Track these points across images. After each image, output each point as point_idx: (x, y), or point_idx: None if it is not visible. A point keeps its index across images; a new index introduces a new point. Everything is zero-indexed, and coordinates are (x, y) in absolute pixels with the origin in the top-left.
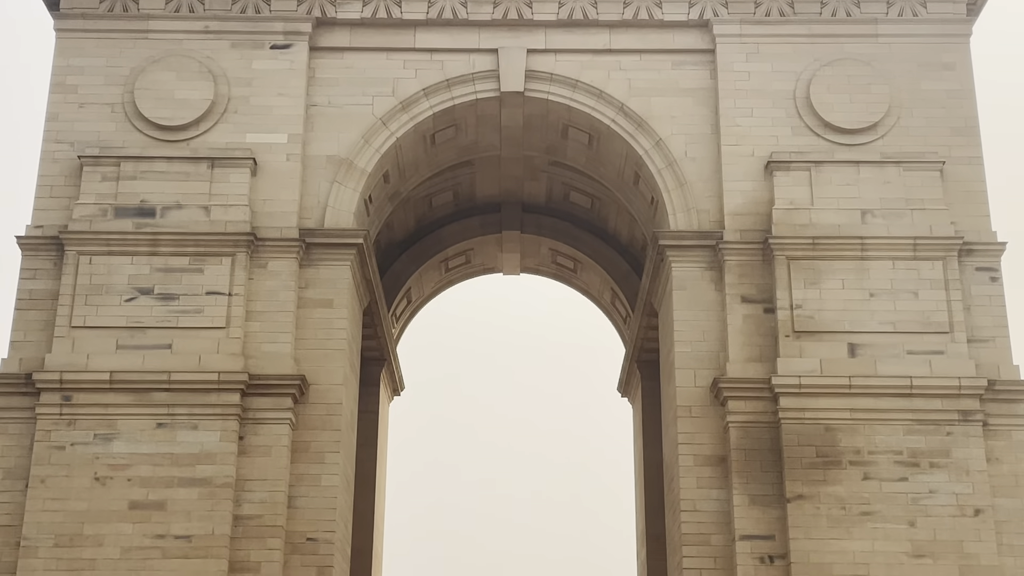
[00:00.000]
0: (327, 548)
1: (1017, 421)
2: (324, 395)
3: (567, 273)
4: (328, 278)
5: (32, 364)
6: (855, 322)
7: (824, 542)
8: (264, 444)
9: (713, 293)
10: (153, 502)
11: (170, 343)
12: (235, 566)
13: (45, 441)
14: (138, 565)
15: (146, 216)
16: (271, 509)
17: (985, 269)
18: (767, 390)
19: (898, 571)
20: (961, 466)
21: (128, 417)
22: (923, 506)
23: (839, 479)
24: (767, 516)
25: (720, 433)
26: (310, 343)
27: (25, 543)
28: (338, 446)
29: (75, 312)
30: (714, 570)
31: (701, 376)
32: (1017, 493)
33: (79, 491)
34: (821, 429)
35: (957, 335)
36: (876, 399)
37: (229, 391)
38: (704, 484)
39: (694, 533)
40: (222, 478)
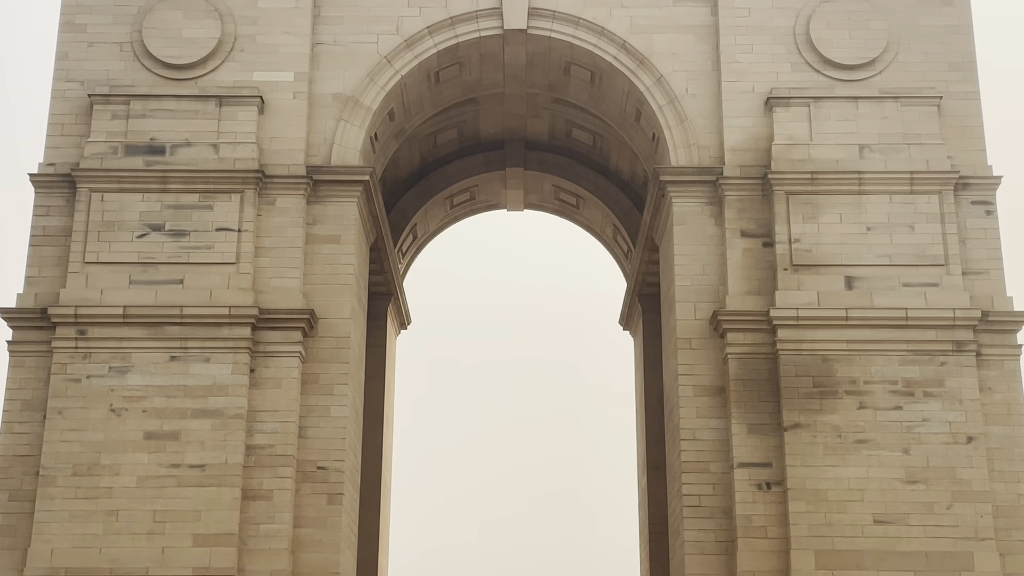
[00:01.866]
0: (337, 476)
1: (1010, 351)
2: (333, 329)
3: (569, 209)
4: (335, 214)
5: (47, 299)
6: (852, 255)
7: (820, 469)
8: (274, 376)
9: (713, 228)
10: (167, 432)
11: (181, 278)
12: (248, 494)
13: (61, 374)
14: (154, 493)
15: (156, 154)
16: (282, 439)
17: (980, 203)
18: (765, 322)
19: (891, 496)
20: (954, 395)
21: (142, 350)
22: (917, 434)
23: (835, 408)
24: (765, 444)
25: (719, 364)
26: (318, 278)
27: (44, 472)
28: (347, 378)
29: (88, 248)
30: (713, 496)
31: (701, 309)
32: (1009, 421)
33: (95, 422)
34: (818, 360)
35: (952, 267)
36: (872, 330)
37: (240, 325)
38: (703, 414)
39: (693, 461)
40: (234, 409)
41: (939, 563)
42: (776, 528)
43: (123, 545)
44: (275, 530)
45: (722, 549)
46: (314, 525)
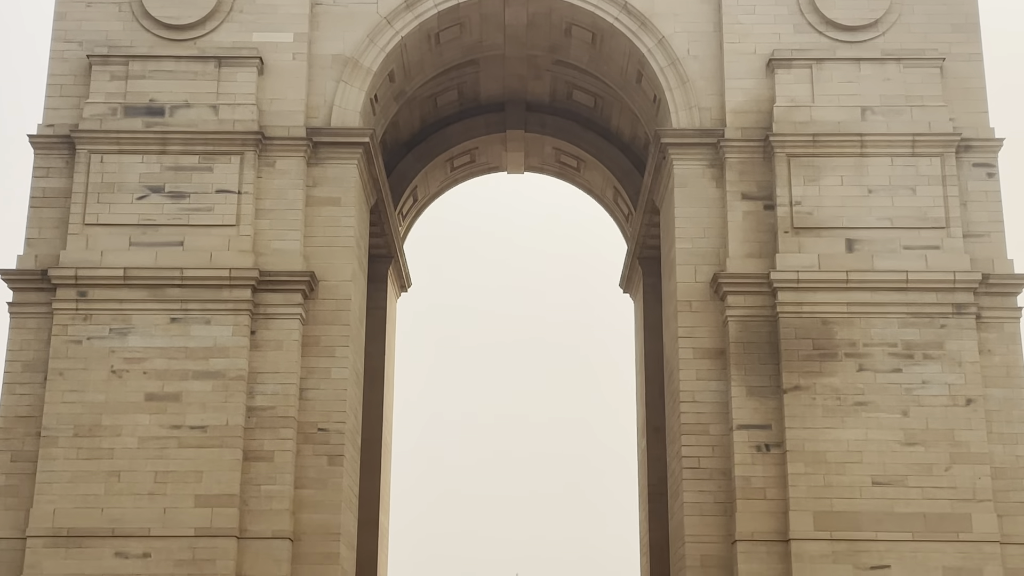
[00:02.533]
0: (338, 438)
1: (1010, 314)
2: (333, 291)
3: (570, 172)
4: (335, 176)
5: (47, 261)
6: (853, 218)
7: (819, 431)
8: (275, 338)
9: (714, 190)
10: (168, 394)
11: (182, 240)
12: (249, 455)
13: (62, 335)
14: (155, 454)
15: (155, 115)
16: (283, 401)
17: (982, 165)
18: (766, 285)
19: (890, 458)
20: (954, 357)
21: (142, 312)
22: (916, 396)
23: (834, 370)
24: (764, 406)
25: (719, 327)
26: (319, 240)
27: (45, 433)
28: (347, 340)
29: (88, 210)
30: (712, 458)
31: (701, 271)
32: (1008, 383)
33: (96, 383)
34: (818, 322)
35: (953, 230)
36: (872, 293)
37: (240, 287)
38: (703, 376)
39: (693, 423)
40: (235, 371)
41: (937, 524)
42: (775, 490)
43: (125, 505)
44: (276, 491)
45: (721, 510)
46: (315, 486)
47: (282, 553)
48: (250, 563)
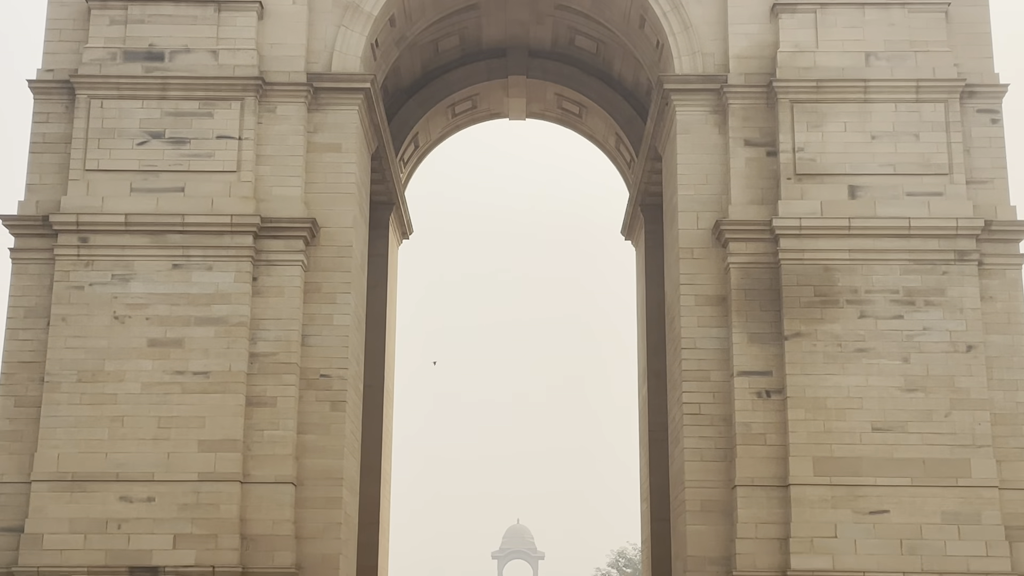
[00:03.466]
0: (340, 384)
1: (1012, 260)
2: (334, 237)
3: (572, 118)
4: (336, 122)
5: (48, 206)
6: (856, 164)
7: (820, 377)
8: (277, 285)
9: (717, 137)
10: (171, 340)
11: (182, 186)
12: (252, 400)
13: (64, 281)
14: (159, 399)
15: (155, 60)
16: (285, 347)
17: (986, 111)
18: (768, 232)
19: (891, 404)
20: (955, 304)
21: (144, 258)
22: (917, 342)
23: (836, 317)
24: (765, 353)
25: (721, 274)
26: (320, 187)
27: (49, 379)
28: (349, 287)
29: (88, 155)
30: (713, 404)
31: (703, 218)
32: (1009, 330)
33: (99, 329)
34: (820, 269)
35: (956, 177)
36: (874, 239)
37: (242, 233)
38: (704, 323)
39: (694, 370)
40: (237, 317)
41: (936, 470)
42: (775, 436)
43: (129, 450)
44: (279, 436)
45: (721, 456)
46: (317, 431)
47: (285, 497)
48: (253, 507)
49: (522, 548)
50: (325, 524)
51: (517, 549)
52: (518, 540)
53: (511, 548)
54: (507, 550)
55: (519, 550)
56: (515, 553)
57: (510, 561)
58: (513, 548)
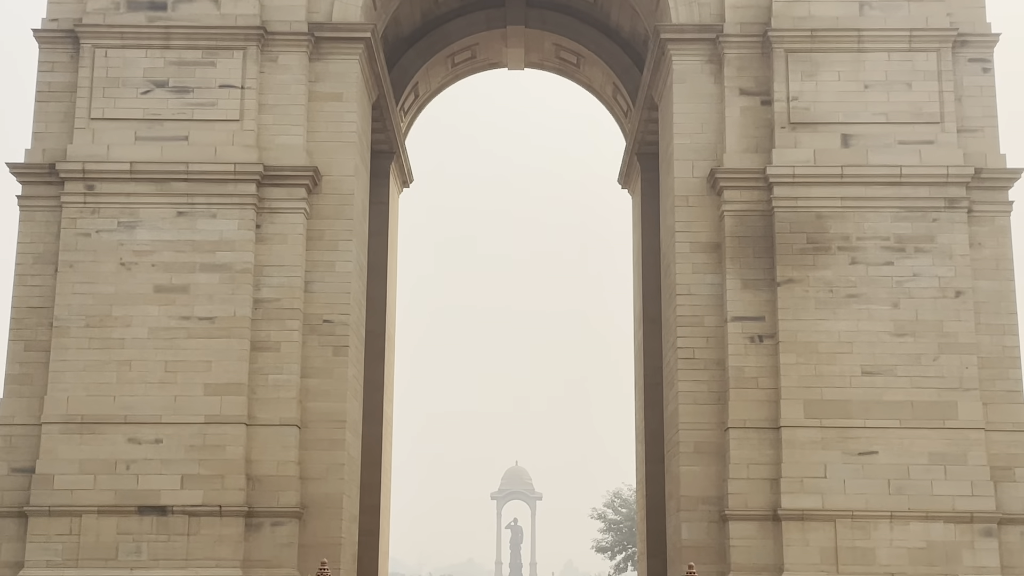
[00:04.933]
0: (343, 329)
1: (1001, 208)
2: (336, 186)
3: (570, 68)
4: (337, 72)
5: (55, 155)
6: (849, 113)
7: (811, 322)
8: (280, 232)
9: (712, 86)
10: (177, 286)
11: (186, 135)
12: (256, 345)
13: (71, 228)
14: (165, 344)
15: (158, 9)
16: (289, 293)
17: (978, 60)
18: (762, 180)
19: (880, 348)
20: (945, 250)
21: (149, 206)
22: (907, 288)
23: (827, 264)
24: (758, 299)
25: (716, 221)
26: (321, 136)
27: (57, 324)
28: (351, 234)
29: (93, 104)
30: (706, 349)
31: (699, 167)
32: (997, 276)
33: (106, 275)
34: (812, 217)
35: (947, 125)
36: (866, 187)
37: (245, 181)
38: (699, 269)
39: (688, 315)
40: (241, 264)
41: (924, 412)
42: (767, 379)
43: (136, 394)
44: (283, 380)
45: (714, 399)
46: (321, 376)
47: (290, 439)
48: (259, 449)
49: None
50: (328, 465)
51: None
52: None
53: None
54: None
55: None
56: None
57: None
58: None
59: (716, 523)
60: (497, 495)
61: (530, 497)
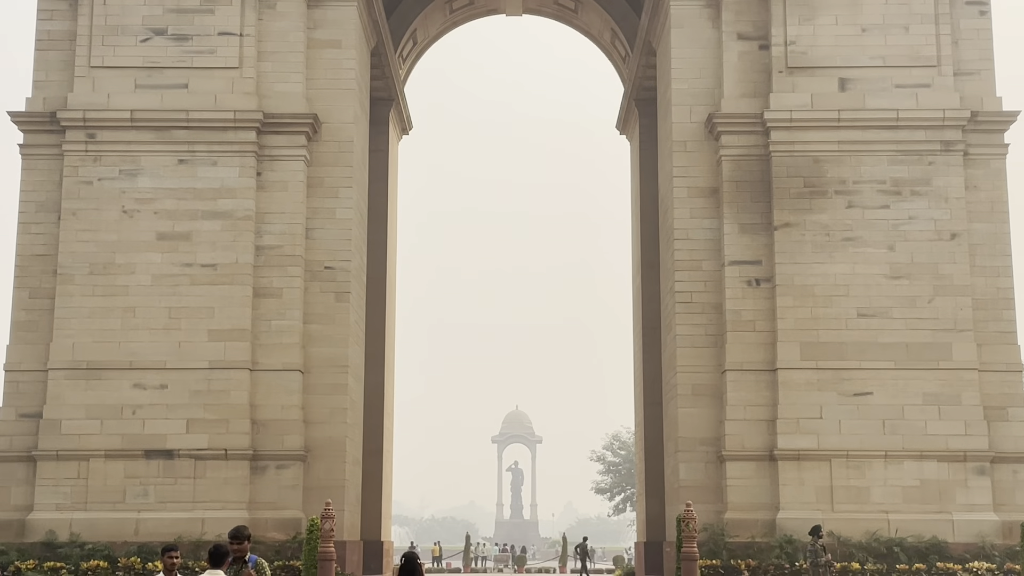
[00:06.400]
0: (344, 275)
1: (996, 150)
2: (336, 133)
3: (568, 13)
4: (336, 19)
5: (55, 103)
6: (846, 57)
7: (808, 266)
8: (281, 179)
9: (710, 31)
10: (179, 233)
11: (186, 83)
12: (259, 291)
13: (73, 176)
14: (168, 291)
15: None
16: (290, 240)
17: (974, 3)
18: (759, 124)
19: (876, 291)
20: (941, 193)
21: (150, 154)
22: (902, 231)
23: (824, 208)
24: (755, 243)
25: (713, 166)
26: (320, 83)
27: (61, 271)
28: (351, 181)
29: (93, 52)
30: (704, 293)
31: (696, 112)
32: (992, 218)
33: (108, 223)
34: (809, 161)
35: (944, 68)
36: (863, 131)
37: (245, 129)
38: (697, 214)
39: (686, 260)
40: (242, 211)
41: (919, 353)
42: (764, 322)
43: (141, 340)
44: (286, 326)
45: (712, 342)
46: (323, 321)
47: (293, 384)
48: (263, 394)
49: (521, 433)
50: (332, 409)
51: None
52: (517, 425)
53: (510, 433)
54: (506, 435)
55: (518, 435)
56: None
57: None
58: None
59: (713, 463)
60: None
61: (530, 440)
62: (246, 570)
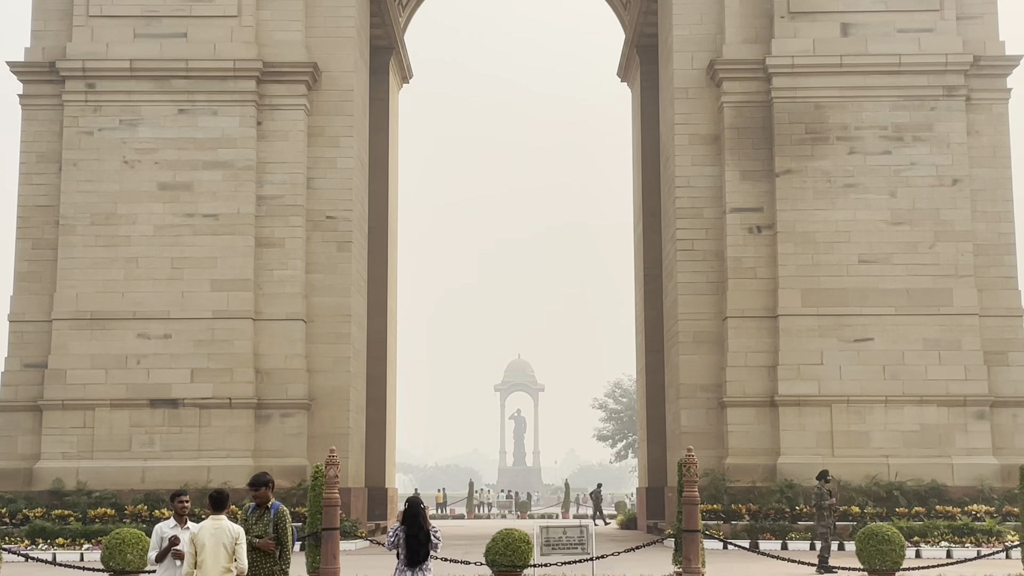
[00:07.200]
0: (346, 225)
1: (999, 95)
2: (336, 81)
3: None
4: None
5: (55, 53)
6: (848, 2)
7: (809, 212)
8: (281, 129)
9: None
10: (180, 183)
11: (185, 32)
12: (261, 241)
13: (73, 127)
14: (171, 241)
15: None
16: (291, 190)
17: None
18: (761, 70)
19: (877, 237)
20: (942, 139)
21: (150, 103)
22: (904, 177)
23: (826, 154)
24: (756, 190)
25: (715, 113)
26: (320, 31)
27: (64, 222)
28: (351, 131)
29: (91, 1)
30: (705, 240)
31: (698, 58)
32: (994, 163)
33: (110, 173)
34: (811, 107)
35: (947, 12)
36: (865, 76)
37: (245, 78)
38: (698, 162)
39: (688, 207)
40: (243, 161)
41: (920, 299)
42: (765, 269)
43: (144, 290)
44: (288, 276)
45: (713, 289)
46: (325, 271)
47: (296, 333)
48: (266, 343)
49: (523, 381)
50: (335, 358)
51: (518, 382)
52: (519, 374)
53: (513, 381)
54: (509, 383)
55: (520, 383)
56: (517, 386)
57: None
58: (515, 381)
59: (714, 410)
60: (500, 387)
61: (532, 389)
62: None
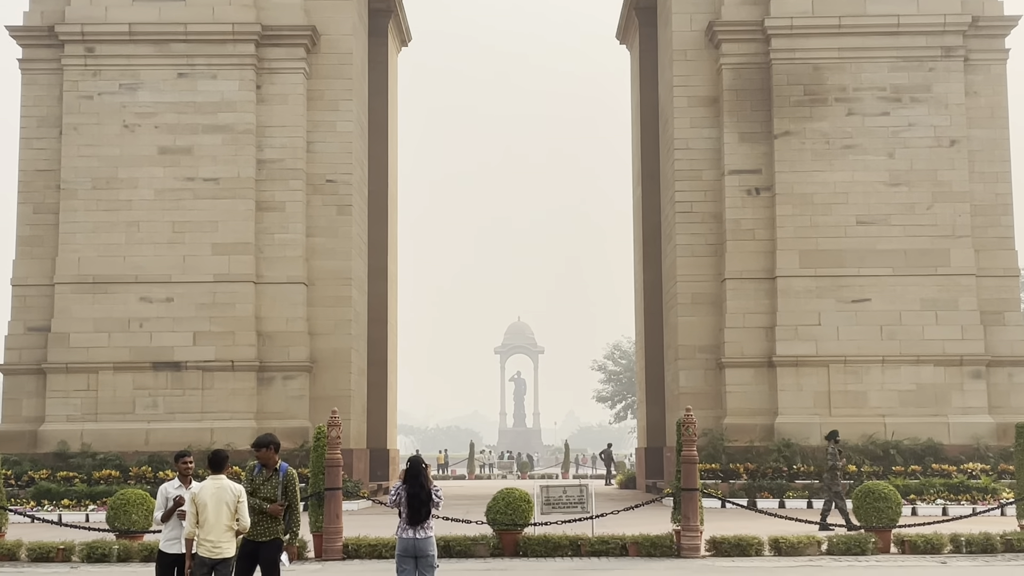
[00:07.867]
0: (345, 189)
1: (997, 56)
2: (335, 45)
3: None
4: None
5: (53, 17)
6: None
7: (808, 174)
8: (280, 93)
9: None
10: (180, 147)
11: None
12: (261, 205)
13: (73, 91)
14: (171, 205)
15: None
16: (291, 153)
17: None
18: (760, 32)
19: (875, 198)
20: (940, 100)
21: (150, 67)
22: (902, 138)
23: (824, 115)
24: (755, 152)
25: (713, 75)
26: None
27: (65, 186)
28: (351, 94)
29: None
30: (704, 202)
31: (697, 20)
32: (992, 124)
33: (110, 138)
34: (809, 68)
35: None
36: (863, 38)
37: (243, 41)
38: (697, 124)
39: (686, 170)
40: (243, 125)
41: (917, 260)
42: (763, 231)
43: (146, 254)
44: (289, 239)
45: (711, 251)
46: (325, 235)
47: (297, 296)
48: (267, 306)
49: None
50: (336, 321)
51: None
52: (519, 336)
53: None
54: (509, 345)
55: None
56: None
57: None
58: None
59: (713, 371)
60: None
61: (532, 351)
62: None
